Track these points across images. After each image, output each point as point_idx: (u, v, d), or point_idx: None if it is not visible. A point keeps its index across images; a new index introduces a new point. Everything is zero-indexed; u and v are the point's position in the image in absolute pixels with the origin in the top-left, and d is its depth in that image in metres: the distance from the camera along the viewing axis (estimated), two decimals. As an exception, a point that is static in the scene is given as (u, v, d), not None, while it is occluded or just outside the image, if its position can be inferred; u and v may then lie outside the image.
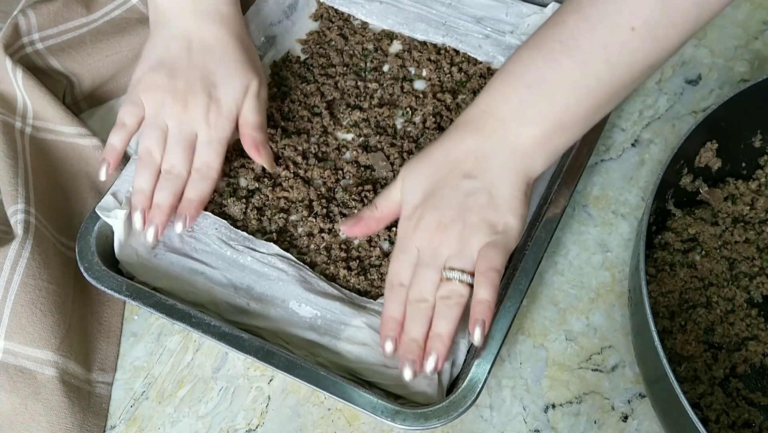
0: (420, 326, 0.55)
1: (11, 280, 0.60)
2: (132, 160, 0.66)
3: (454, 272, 0.55)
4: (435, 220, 0.56)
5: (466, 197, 0.56)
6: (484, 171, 0.56)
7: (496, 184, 0.56)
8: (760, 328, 0.61)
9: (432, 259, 0.56)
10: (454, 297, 0.55)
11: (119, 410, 0.62)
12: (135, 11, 0.77)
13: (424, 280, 0.56)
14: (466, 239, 0.55)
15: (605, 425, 0.60)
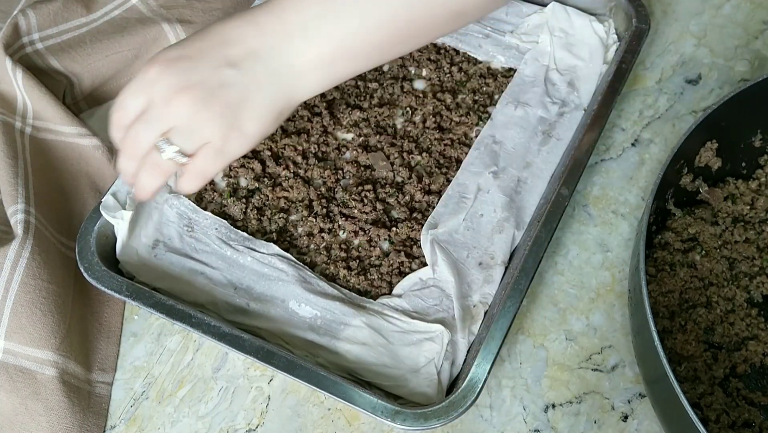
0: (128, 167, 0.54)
1: (11, 280, 0.60)
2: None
3: (170, 147, 0.52)
4: (180, 83, 0.51)
5: (219, 85, 0.51)
6: (249, 70, 0.52)
7: (255, 89, 0.52)
8: (760, 328, 0.61)
9: (156, 120, 0.52)
10: (158, 170, 0.53)
11: (119, 410, 0.62)
12: (135, 11, 0.77)
13: (141, 132, 0.52)
14: (197, 124, 0.51)
15: (605, 425, 0.60)
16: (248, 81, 0.52)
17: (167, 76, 0.52)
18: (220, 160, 0.53)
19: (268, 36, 0.52)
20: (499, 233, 0.63)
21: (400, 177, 0.68)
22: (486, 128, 0.69)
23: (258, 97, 0.52)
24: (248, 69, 0.52)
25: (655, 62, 0.77)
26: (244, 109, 0.52)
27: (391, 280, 0.62)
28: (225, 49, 0.52)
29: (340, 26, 0.51)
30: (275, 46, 0.52)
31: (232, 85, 0.52)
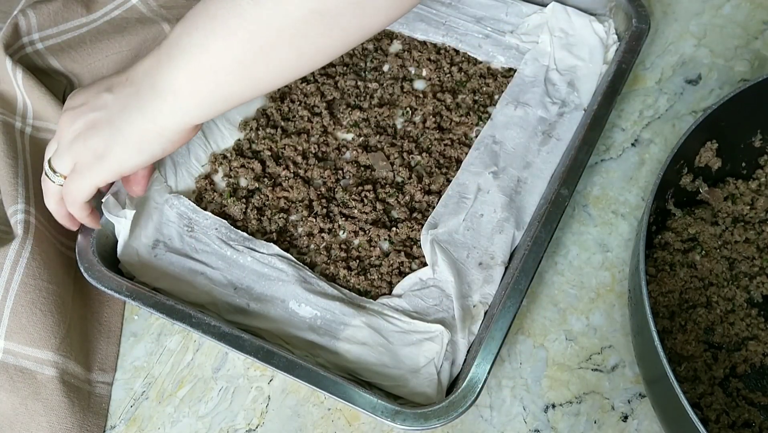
0: None
1: (11, 280, 0.60)
2: None
3: (55, 174, 0.56)
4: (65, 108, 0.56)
5: (93, 107, 0.54)
6: (120, 93, 0.53)
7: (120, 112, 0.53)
8: (760, 328, 0.61)
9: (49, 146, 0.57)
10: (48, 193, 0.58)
11: (119, 410, 0.62)
12: (135, 11, 0.77)
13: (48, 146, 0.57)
14: (68, 147, 0.55)
15: (605, 425, 0.60)
16: (117, 104, 0.53)
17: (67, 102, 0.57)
18: (78, 183, 0.55)
19: (144, 61, 0.53)
20: (499, 233, 0.63)
21: (400, 177, 0.68)
22: (486, 128, 0.69)
23: (119, 121, 0.53)
24: (120, 94, 0.53)
25: (655, 62, 0.77)
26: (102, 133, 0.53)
27: (391, 280, 0.62)
28: (113, 78, 0.55)
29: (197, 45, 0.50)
30: (145, 70, 0.53)
31: (103, 108, 0.54)
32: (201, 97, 0.51)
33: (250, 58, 0.49)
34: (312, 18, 0.48)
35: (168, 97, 0.51)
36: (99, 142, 0.53)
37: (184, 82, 0.51)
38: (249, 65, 0.50)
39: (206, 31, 0.49)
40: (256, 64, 0.50)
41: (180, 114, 0.52)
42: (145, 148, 0.53)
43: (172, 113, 0.52)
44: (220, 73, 0.50)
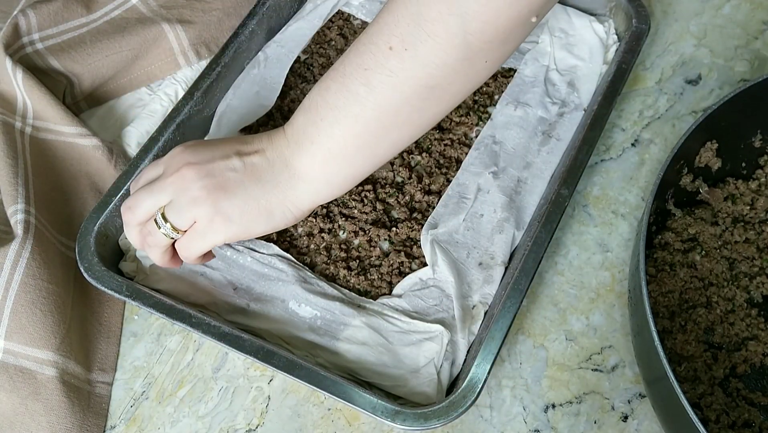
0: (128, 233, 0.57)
1: (11, 280, 0.60)
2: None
3: (166, 224, 0.54)
4: (189, 159, 0.54)
5: (226, 171, 0.54)
6: (253, 164, 0.55)
7: (252, 182, 0.54)
8: (760, 328, 0.61)
9: (157, 191, 0.55)
10: (154, 240, 0.56)
11: (119, 410, 0.62)
12: (135, 11, 0.77)
13: (141, 200, 0.55)
14: (189, 200, 0.54)
15: (605, 425, 0.60)
16: (248, 173, 0.54)
17: (184, 153, 0.55)
18: (198, 242, 0.55)
19: (274, 144, 0.55)
20: (499, 233, 0.63)
21: (400, 177, 0.68)
22: (486, 128, 0.69)
23: (253, 189, 0.54)
24: (252, 164, 0.55)
25: (655, 62, 0.77)
26: (236, 198, 0.54)
27: (391, 280, 0.62)
28: (239, 146, 0.56)
29: (320, 131, 0.53)
30: (279, 153, 0.55)
31: (233, 171, 0.54)
32: (330, 180, 0.55)
33: (372, 140, 0.53)
34: (425, 93, 0.51)
35: (302, 180, 0.54)
36: (231, 206, 0.54)
37: (315, 167, 0.54)
38: (372, 146, 0.54)
39: (330, 121, 0.52)
40: (378, 143, 0.54)
41: (312, 194, 0.55)
42: (273, 220, 0.55)
43: (306, 193, 0.55)
44: (348, 157, 0.54)
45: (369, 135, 0.53)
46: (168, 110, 0.72)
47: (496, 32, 0.49)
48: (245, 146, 0.56)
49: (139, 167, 0.64)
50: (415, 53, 0.49)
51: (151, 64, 0.76)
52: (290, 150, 0.54)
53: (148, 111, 0.74)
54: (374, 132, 0.53)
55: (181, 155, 0.55)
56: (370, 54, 0.50)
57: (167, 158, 0.56)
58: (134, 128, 0.73)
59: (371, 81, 0.51)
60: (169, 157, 0.56)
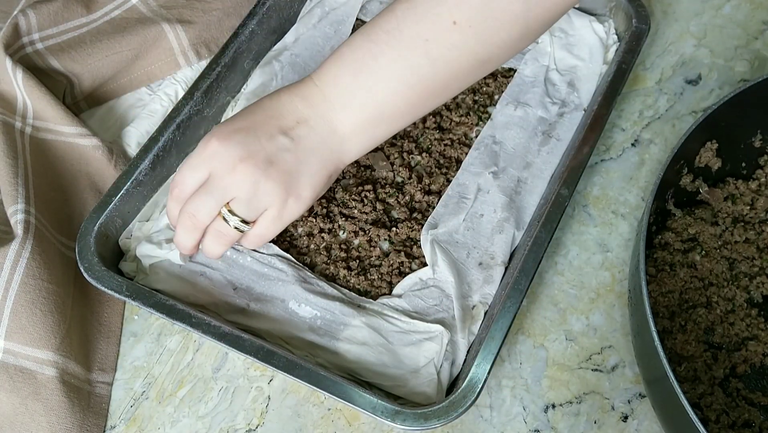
0: (187, 240, 0.58)
1: (11, 280, 0.60)
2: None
3: (235, 218, 0.55)
4: (239, 154, 0.54)
5: (277, 152, 0.55)
6: (302, 137, 0.55)
7: (308, 155, 0.55)
8: (760, 328, 0.61)
9: (219, 191, 0.55)
10: (225, 238, 0.57)
11: (119, 410, 0.62)
12: (135, 11, 0.77)
13: (201, 204, 0.55)
14: (259, 192, 0.55)
15: (605, 425, 0.60)
16: (301, 148, 0.55)
17: (228, 147, 0.54)
18: (277, 225, 0.57)
19: (314, 107, 0.56)
20: (499, 233, 0.63)
21: (400, 177, 0.68)
22: (486, 128, 0.69)
23: (311, 161, 0.56)
24: (300, 137, 0.55)
25: (655, 62, 0.77)
26: (300, 175, 0.55)
27: (391, 280, 0.62)
28: (277, 121, 0.56)
29: (371, 95, 0.55)
30: (321, 116, 0.56)
31: (287, 151, 0.55)
32: (376, 137, 0.57)
33: (421, 105, 0.56)
34: (478, 66, 0.55)
35: (348, 140, 0.56)
36: (299, 185, 0.55)
37: (364, 128, 0.56)
38: (419, 109, 0.57)
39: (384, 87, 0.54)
40: (425, 107, 0.57)
41: (357, 151, 0.57)
42: (331, 180, 0.58)
43: (352, 151, 0.57)
44: (396, 119, 0.56)
45: (419, 100, 0.55)
46: (168, 110, 0.72)
47: (552, 17, 0.53)
48: (284, 120, 0.56)
49: (139, 167, 0.64)
50: (478, 31, 0.52)
51: (151, 64, 0.76)
52: (335, 113, 0.55)
53: (148, 111, 0.74)
54: (424, 98, 0.55)
55: (227, 152, 0.54)
56: (430, 24, 0.52)
57: (206, 159, 0.55)
58: (134, 128, 0.73)
59: (431, 53, 0.53)
60: (211, 156, 0.55)
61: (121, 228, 0.64)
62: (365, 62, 0.54)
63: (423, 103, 0.56)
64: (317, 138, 0.56)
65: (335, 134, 0.56)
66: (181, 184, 0.57)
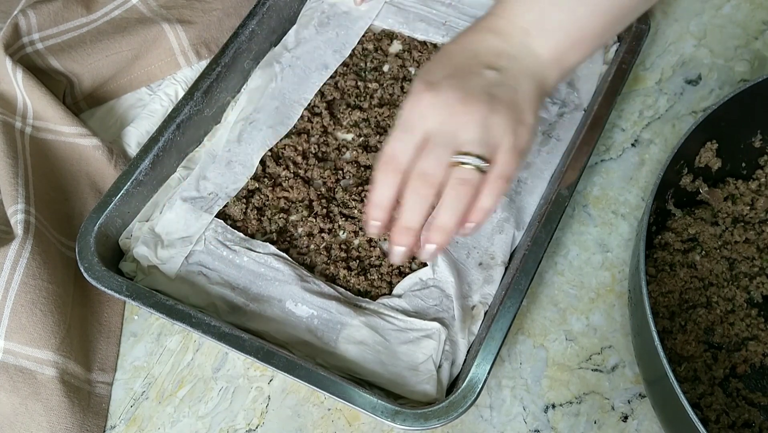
0: (418, 214, 0.51)
1: (11, 280, 0.60)
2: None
3: (471, 157, 0.50)
4: (457, 97, 0.51)
5: (491, 86, 0.52)
6: (507, 68, 0.53)
7: (520, 83, 0.53)
8: (760, 328, 0.61)
9: (446, 139, 0.50)
10: (466, 186, 0.50)
11: (119, 410, 0.62)
12: (135, 11, 0.77)
13: (431, 160, 0.50)
14: (490, 126, 0.50)
15: (605, 425, 0.60)
16: (510, 78, 0.53)
17: (441, 94, 0.51)
18: (517, 157, 0.52)
19: (510, 38, 0.55)
20: (499, 233, 0.63)
21: (400, 177, 0.68)
22: (486, 128, 0.69)
23: (524, 87, 0.53)
24: (506, 68, 0.54)
25: (655, 62, 0.77)
26: (520, 102, 0.53)
27: (391, 280, 0.62)
28: (478, 58, 0.54)
29: (569, 17, 0.54)
30: (520, 45, 0.54)
31: (501, 85, 0.53)
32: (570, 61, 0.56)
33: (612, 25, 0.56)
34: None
35: (552, 66, 0.55)
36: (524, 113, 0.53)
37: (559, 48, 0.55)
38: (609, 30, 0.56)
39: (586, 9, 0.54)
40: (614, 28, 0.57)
41: (557, 77, 0.56)
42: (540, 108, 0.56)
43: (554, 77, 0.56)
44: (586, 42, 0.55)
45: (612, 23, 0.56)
46: (168, 110, 0.72)
47: None
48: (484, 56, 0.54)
49: (139, 167, 0.64)
50: None
51: (151, 64, 0.76)
52: (532, 39, 0.54)
53: (148, 111, 0.74)
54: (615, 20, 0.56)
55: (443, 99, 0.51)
56: None
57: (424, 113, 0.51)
58: (134, 128, 0.73)
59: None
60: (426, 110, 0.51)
61: (121, 228, 0.65)
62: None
63: (611, 28, 0.56)
64: (521, 65, 0.54)
65: (537, 60, 0.54)
66: (397, 152, 0.51)
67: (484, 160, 0.50)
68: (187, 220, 0.64)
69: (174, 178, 0.68)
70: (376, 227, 0.52)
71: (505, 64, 0.53)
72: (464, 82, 0.52)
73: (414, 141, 0.51)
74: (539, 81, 0.54)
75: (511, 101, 0.52)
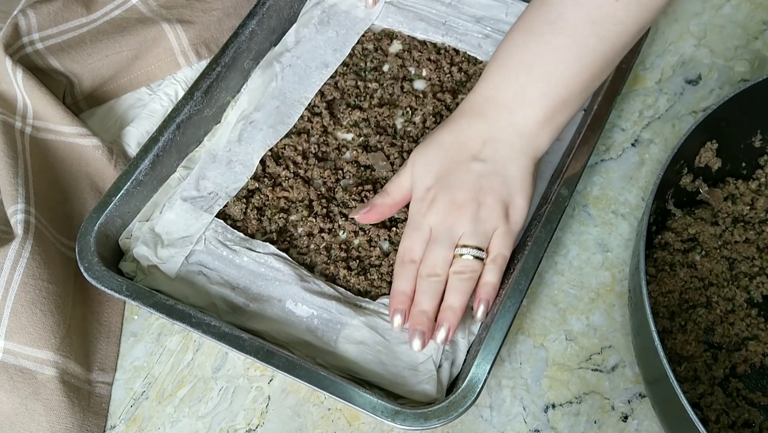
0: (430, 299, 0.57)
1: (11, 280, 0.60)
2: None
3: (468, 249, 0.57)
4: (449, 200, 0.58)
5: (478, 178, 0.58)
6: (493, 154, 0.58)
7: (506, 167, 0.58)
8: (760, 328, 0.61)
9: (446, 236, 0.57)
10: (467, 272, 0.57)
11: (119, 410, 0.62)
12: (135, 11, 0.77)
13: (436, 256, 0.57)
14: (481, 219, 0.57)
15: (605, 425, 0.60)
16: (498, 166, 0.59)
17: (438, 199, 0.58)
18: (510, 238, 0.59)
19: (494, 121, 0.58)
20: (499, 233, 0.63)
21: (400, 177, 0.68)
22: (486, 128, 0.69)
23: (511, 171, 0.58)
24: (492, 157, 0.58)
25: (655, 62, 0.77)
26: (507, 187, 0.58)
27: (391, 280, 0.62)
28: (467, 150, 0.59)
29: (548, 85, 0.57)
30: (505, 125, 0.58)
31: (488, 176, 0.58)
32: (557, 123, 0.59)
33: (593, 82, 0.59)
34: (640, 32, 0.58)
35: (537, 135, 0.59)
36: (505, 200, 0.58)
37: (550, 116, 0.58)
38: (591, 86, 0.59)
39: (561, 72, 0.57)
40: (597, 80, 0.59)
41: (547, 142, 0.60)
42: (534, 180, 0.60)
43: (544, 143, 0.60)
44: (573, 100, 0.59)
45: (594, 78, 0.58)
46: (168, 110, 0.72)
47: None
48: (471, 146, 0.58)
49: (139, 167, 0.64)
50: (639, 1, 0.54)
51: (151, 64, 0.76)
52: (515, 116, 0.58)
53: (148, 111, 0.74)
54: (598, 74, 0.58)
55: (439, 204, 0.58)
56: (595, 7, 0.55)
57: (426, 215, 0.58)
58: (134, 128, 0.73)
59: (601, 32, 0.55)
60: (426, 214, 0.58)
61: (121, 228, 0.65)
62: (536, 56, 0.56)
63: (595, 79, 0.58)
64: (508, 148, 0.58)
65: (523, 136, 0.58)
66: (411, 251, 0.59)
67: (479, 249, 0.57)
68: (187, 220, 0.64)
69: (174, 178, 0.68)
70: (401, 318, 0.58)
71: (491, 152, 0.58)
72: (454, 181, 0.58)
73: (422, 237, 0.59)
74: (530, 154, 0.59)
75: (499, 190, 0.57)
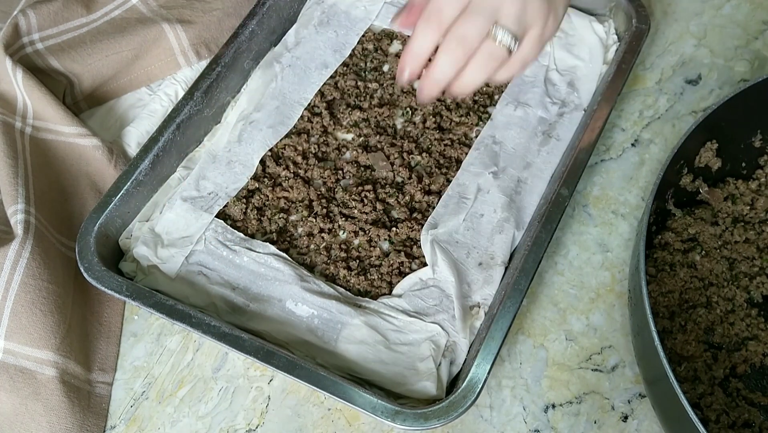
0: (448, 71, 0.53)
1: (11, 280, 0.60)
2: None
3: (507, 34, 0.52)
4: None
5: None
6: None
7: None
8: (760, 328, 0.61)
9: (488, 9, 0.52)
10: (493, 60, 0.53)
11: (119, 410, 0.62)
12: (135, 11, 0.77)
13: (472, 24, 0.52)
14: (528, 7, 0.53)
15: (605, 425, 0.60)
16: None
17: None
18: (540, 46, 0.55)
19: None
20: (499, 233, 0.63)
21: (400, 177, 0.68)
22: (486, 128, 0.69)
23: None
24: None
25: (655, 62, 0.77)
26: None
27: (391, 280, 0.62)
28: None
29: None
30: None
31: None
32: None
33: None
34: None
35: None
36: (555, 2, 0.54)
37: None
38: None
39: None
40: None
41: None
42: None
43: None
44: None
45: None
46: (168, 110, 0.72)
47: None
48: None
49: (139, 167, 0.64)
50: None
51: (151, 64, 0.76)
52: None
53: (148, 111, 0.74)
54: None
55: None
56: None
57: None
58: (134, 128, 0.73)
59: None
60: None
61: (121, 228, 0.65)
62: None
63: None
64: None
65: None
66: (440, 12, 0.53)
67: (516, 39, 0.53)
68: (187, 220, 0.64)
69: (174, 178, 0.68)
70: (409, 74, 0.54)
71: None
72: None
73: (459, 1, 0.52)
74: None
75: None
